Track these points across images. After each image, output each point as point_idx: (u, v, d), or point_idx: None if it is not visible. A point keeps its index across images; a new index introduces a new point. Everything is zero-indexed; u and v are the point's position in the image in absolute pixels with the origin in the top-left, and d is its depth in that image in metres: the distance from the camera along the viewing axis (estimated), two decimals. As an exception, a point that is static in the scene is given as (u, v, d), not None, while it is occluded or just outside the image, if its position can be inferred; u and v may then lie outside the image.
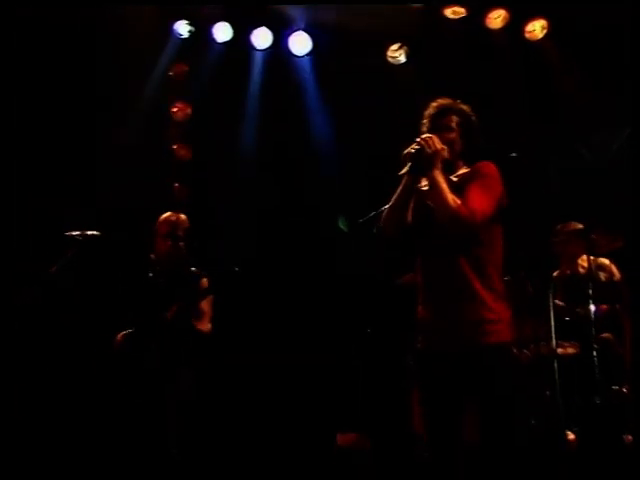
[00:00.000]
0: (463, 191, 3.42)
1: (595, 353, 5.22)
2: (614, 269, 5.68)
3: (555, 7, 6.58)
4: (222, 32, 6.73)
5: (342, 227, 6.55)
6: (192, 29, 6.70)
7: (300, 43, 6.93)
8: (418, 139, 3.44)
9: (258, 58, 6.93)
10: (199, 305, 4.84)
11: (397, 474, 5.25)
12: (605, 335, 5.44)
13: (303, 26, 6.85)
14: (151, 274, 4.94)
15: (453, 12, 6.71)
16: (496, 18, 6.72)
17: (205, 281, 4.92)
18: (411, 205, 3.58)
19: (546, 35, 6.70)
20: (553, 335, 5.25)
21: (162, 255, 4.93)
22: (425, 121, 3.65)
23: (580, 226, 5.70)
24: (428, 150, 3.40)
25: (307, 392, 5.66)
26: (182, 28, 6.67)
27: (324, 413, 5.71)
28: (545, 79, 6.72)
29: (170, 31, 6.66)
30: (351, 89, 6.82)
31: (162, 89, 6.61)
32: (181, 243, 4.91)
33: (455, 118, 3.61)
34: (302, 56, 6.97)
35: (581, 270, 5.70)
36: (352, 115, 6.82)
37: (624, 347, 5.37)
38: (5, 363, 4.86)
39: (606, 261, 5.69)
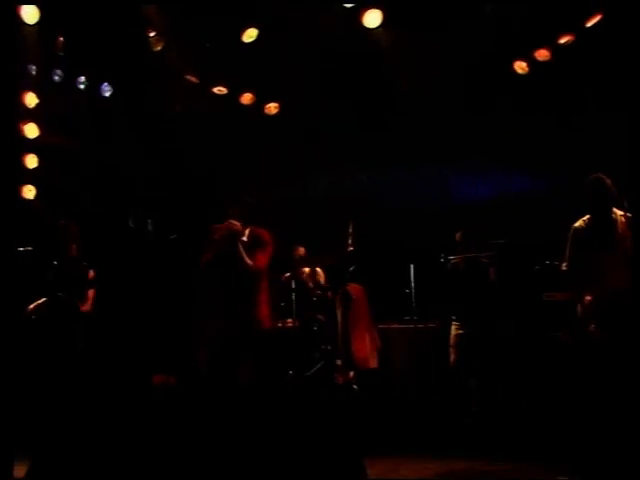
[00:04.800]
0: (252, 249, 6.48)
1: (315, 327, 8.72)
2: (323, 275, 9.22)
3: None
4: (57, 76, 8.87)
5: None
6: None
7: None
8: (230, 224, 6.44)
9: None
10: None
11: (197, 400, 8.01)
12: (319, 316, 8.91)
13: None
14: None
15: (219, 90, 9.69)
16: (245, 96, 9.84)
17: (92, 272, 7.63)
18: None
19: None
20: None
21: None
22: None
23: (303, 251, 9.12)
24: (234, 231, 6.45)
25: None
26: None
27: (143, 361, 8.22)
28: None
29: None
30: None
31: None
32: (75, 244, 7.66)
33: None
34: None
35: (304, 275, 9.13)
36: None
37: (336, 322, 8.81)
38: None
39: (319, 270, 9.20)
